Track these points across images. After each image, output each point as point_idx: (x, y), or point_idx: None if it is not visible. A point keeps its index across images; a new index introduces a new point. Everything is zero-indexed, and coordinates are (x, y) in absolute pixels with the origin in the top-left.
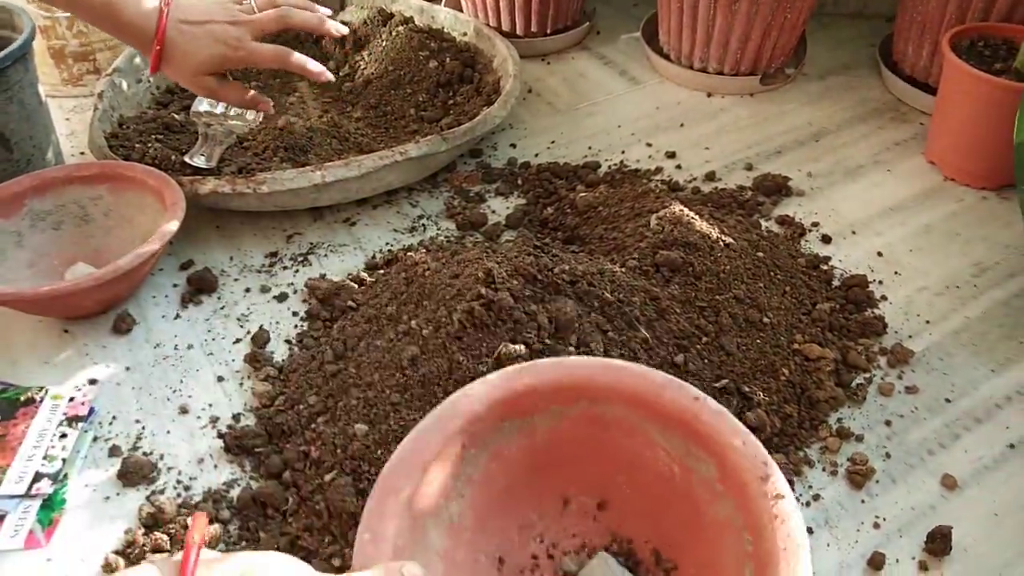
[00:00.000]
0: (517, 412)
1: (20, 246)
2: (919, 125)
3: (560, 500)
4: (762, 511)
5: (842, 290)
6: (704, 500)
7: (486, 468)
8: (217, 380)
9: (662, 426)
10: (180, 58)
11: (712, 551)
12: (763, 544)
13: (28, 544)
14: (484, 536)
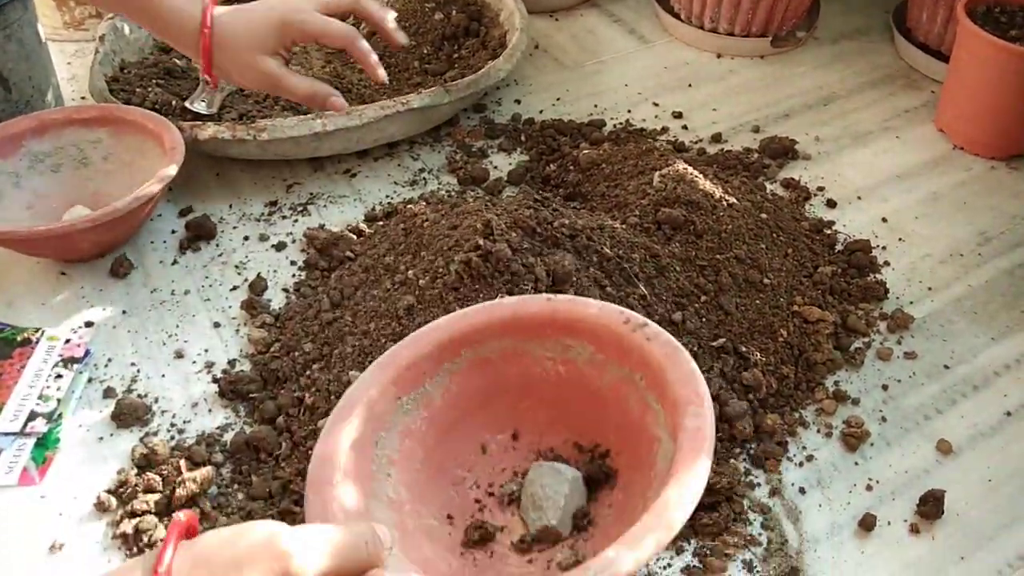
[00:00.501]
0: (409, 386)
1: (18, 187)
2: (930, 93)
3: (478, 447)
4: (636, 345)
5: (845, 254)
6: (594, 376)
7: (400, 446)
8: (213, 326)
9: (536, 339)
10: (233, 38)
11: (619, 412)
12: (648, 368)
13: (22, 481)
14: (423, 504)
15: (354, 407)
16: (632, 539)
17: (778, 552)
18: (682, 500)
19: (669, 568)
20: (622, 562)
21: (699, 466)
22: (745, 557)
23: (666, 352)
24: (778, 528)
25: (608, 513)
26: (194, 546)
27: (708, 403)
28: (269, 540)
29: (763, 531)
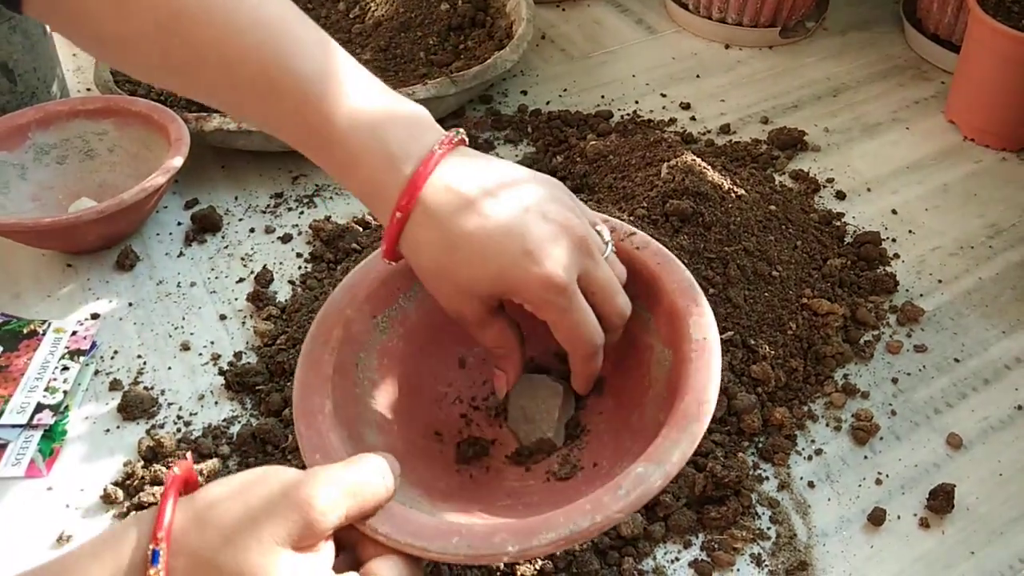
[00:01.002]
0: (383, 303)
1: (24, 179)
2: (940, 84)
3: (456, 361)
4: (625, 253)
5: (854, 247)
6: None
7: (379, 366)
8: (219, 318)
9: None
10: (439, 247)
11: None
12: (639, 277)
13: (29, 473)
14: (411, 423)
15: (331, 330)
16: (658, 453)
17: (787, 546)
18: (701, 410)
19: (677, 562)
20: (652, 477)
21: (712, 375)
22: (753, 551)
23: (658, 261)
24: (787, 522)
25: (599, 420)
26: (197, 501)
27: (708, 310)
28: (285, 490)
29: (771, 525)
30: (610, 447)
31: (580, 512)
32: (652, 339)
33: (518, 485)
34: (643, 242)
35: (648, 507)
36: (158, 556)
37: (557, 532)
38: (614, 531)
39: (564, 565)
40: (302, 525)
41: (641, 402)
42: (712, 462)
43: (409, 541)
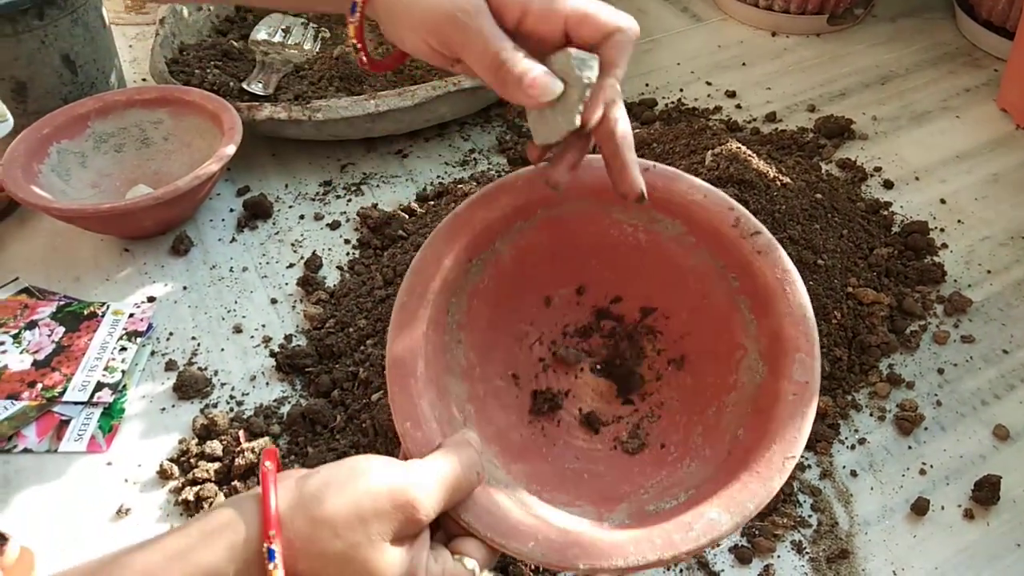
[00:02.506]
0: (479, 248)
1: (84, 167)
2: (993, 71)
3: (542, 300)
4: (740, 249)
5: (901, 236)
6: (678, 254)
7: (468, 308)
8: (271, 302)
9: (620, 205)
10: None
11: (698, 296)
12: (751, 279)
13: (90, 448)
14: (491, 365)
15: (429, 282)
16: (735, 502)
17: (828, 534)
18: (784, 464)
19: (717, 547)
20: (723, 526)
21: (806, 426)
22: (794, 538)
23: (778, 275)
24: (828, 510)
25: (675, 396)
26: (302, 494)
27: (817, 351)
28: (391, 492)
29: (813, 512)
30: (681, 431)
31: (650, 546)
32: (749, 343)
33: (586, 447)
34: (766, 246)
35: None
36: (273, 554)
37: (626, 561)
38: None
39: None
40: (407, 524)
41: (720, 399)
42: None
43: (489, 535)
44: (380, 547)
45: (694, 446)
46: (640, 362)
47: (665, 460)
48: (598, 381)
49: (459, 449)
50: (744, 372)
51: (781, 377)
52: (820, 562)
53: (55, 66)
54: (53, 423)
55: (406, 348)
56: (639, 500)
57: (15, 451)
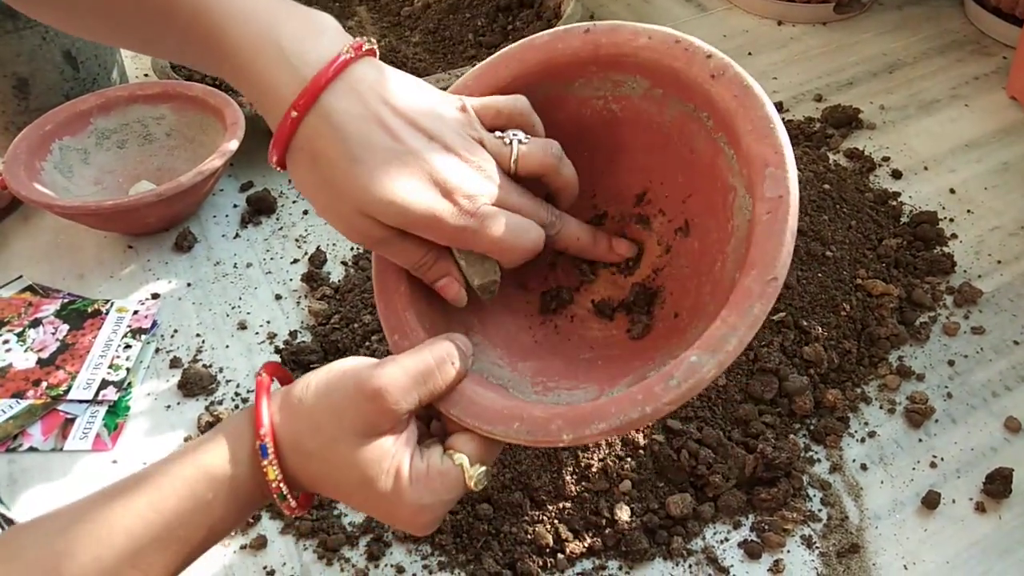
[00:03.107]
0: None
1: (86, 163)
2: (1002, 59)
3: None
4: (697, 80)
5: (910, 227)
6: (654, 112)
7: None
8: (275, 298)
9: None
10: (337, 157)
11: (686, 151)
12: (714, 108)
13: (95, 446)
14: None
15: None
16: (714, 341)
17: (838, 528)
18: (765, 289)
19: (727, 542)
20: (705, 367)
21: (784, 242)
22: (804, 533)
23: (735, 93)
24: (838, 504)
25: (684, 264)
26: (289, 397)
27: (789, 159)
28: (358, 383)
29: (823, 507)
30: (692, 296)
31: (631, 402)
32: (735, 181)
33: (601, 336)
34: (719, 68)
35: (697, 487)
36: (266, 449)
37: (608, 422)
38: (663, 511)
39: (613, 543)
40: (378, 415)
41: (723, 250)
42: (763, 443)
43: (475, 423)
44: (353, 441)
45: (702, 305)
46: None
47: (677, 328)
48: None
49: (432, 343)
50: (737, 214)
51: (756, 199)
52: (830, 557)
53: (57, 62)
54: (58, 421)
55: (388, 268)
56: (643, 370)
57: (20, 450)
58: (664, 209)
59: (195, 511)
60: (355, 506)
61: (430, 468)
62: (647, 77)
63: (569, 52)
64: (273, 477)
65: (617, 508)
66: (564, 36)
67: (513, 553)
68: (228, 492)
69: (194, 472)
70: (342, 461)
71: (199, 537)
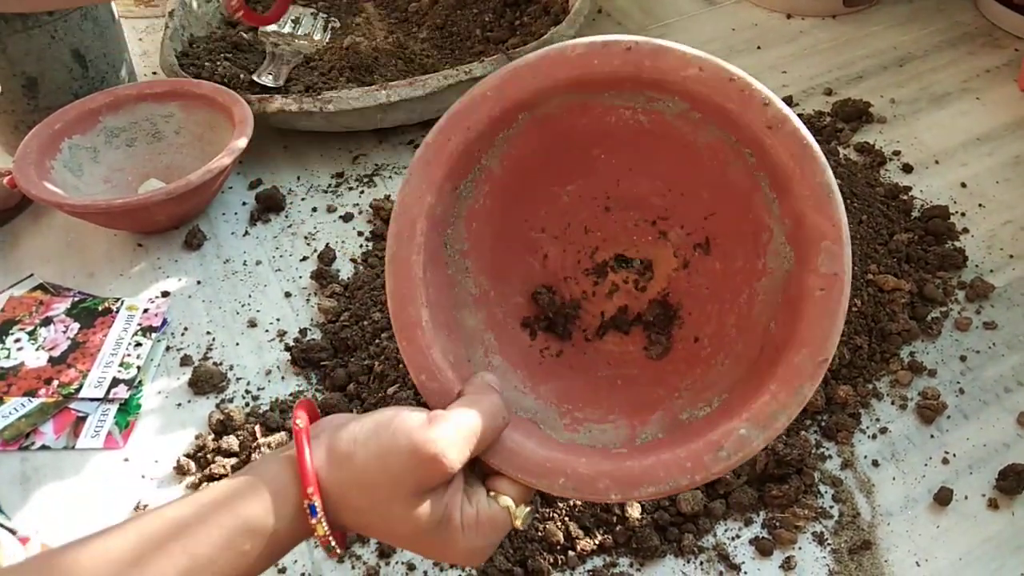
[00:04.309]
0: (463, 172)
1: (96, 162)
2: (1014, 51)
3: (548, 204)
4: (750, 125)
5: (922, 221)
6: (687, 132)
7: (468, 234)
8: (285, 296)
9: (611, 89)
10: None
11: (716, 172)
12: (765, 156)
13: (107, 444)
14: (507, 285)
15: (415, 223)
16: (764, 417)
17: (850, 525)
18: (816, 370)
19: (738, 539)
20: (754, 442)
21: (836, 324)
22: (816, 529)
23: (793, 152)
24: (850, 501)
25: (703, 283)
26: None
27: (845, 235)
28: (414, 448)
29: (834, 503)
30: (714, 323)
31: (680, 470)
32: (773, 224)
33: (617, 351)
34: (777, 119)
35: (708, 484)
36: (315, 509)
37: (658, 488)
38: (674, 508)
39: (624, 540)
40: (432, 477)
41: (751, 285)
42: (774, 440)
43: (520, 476)
44: (408, 501)
45: (728, 339)
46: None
47: (699, 356)
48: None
49: (481, 397)
50: (772, 258)
51: (807, 270)
52: (842, 554)
53: (65, 61)
54: (70, 420)
55: (406, 298)
56: (673, 406)
57: (33, 448)
58: (684, 223)
59: (230, 561)
60: (407, 549)
61: (480, 514)
62: (687, 100)
63: (607, 71)
64: (323, 533)
65: (628, 505)
66: (602, 52)
67: (524, 550)
68: (266, 545)
69: (233, 522)
70: (396, 517)
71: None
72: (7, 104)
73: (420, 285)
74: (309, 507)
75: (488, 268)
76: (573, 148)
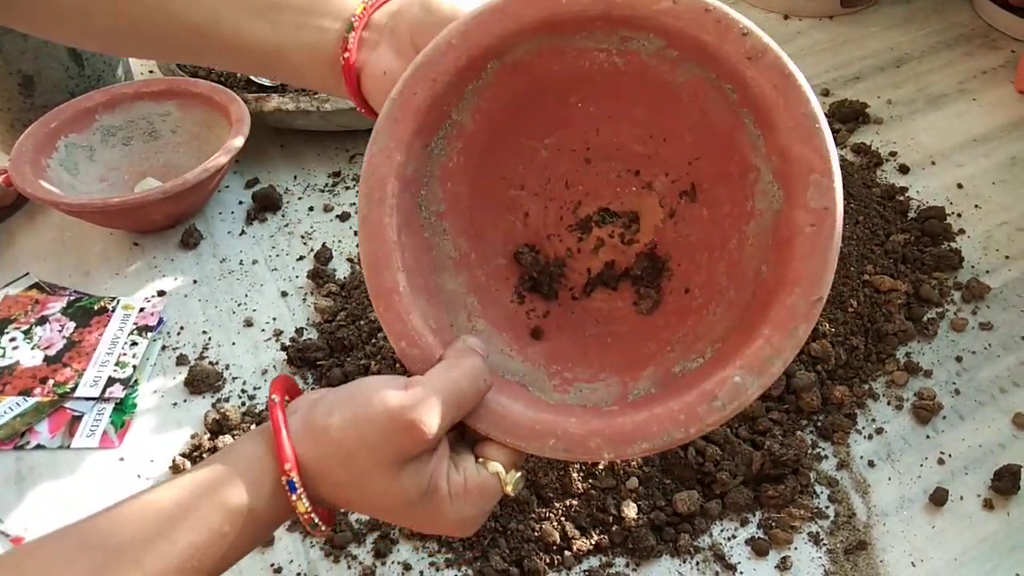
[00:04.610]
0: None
1: (92, 160)
2: (1010, 53)
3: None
4: (728, 57)
5: (918, 222)
6: (664, 71)
7: (443, 194)
8: (281, 295)
9: (583, 30)
10: None
11: (697, 113)
12: (746, 90)
13: (103, 444)
14: (487, 246)
15: (385, 184)
16: (758, 362)
17: (846, 525)
18: (811, 309)
19: (734, 539)
20: (749, 389)
21: (829, 260)
22: (812, 529)
23: (775, 82)
24: (846, 501)
25: (691, 231)
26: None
27: (835, 167)
28: (390, 415)
29: (830, 504)
30: (704, 272)
31: (674, 422)
32: (759, 161)
33: (606, 308)
34: (758, 49)
35: (704, 484)
36: (294, 485)
37: (651, 443)
38: (670, 508)
39: (620, 540)
40: (412, 444)
41: (740, 228)
42: (770, 440)
43: (508, 439)
44: (389, 471)
45: (718, 287)
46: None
47: (690, 307)
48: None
49: (461, 360)
50: (760, 197)
51: (796, 205)
52: (838, 554)
53: (62, 59)
54: (65, 419)
55: (380, 263)
56: (665, 360)
57: (28, 447)
58: (668, 170)
59: (210, 544)
60: (394, 522)
61: (468, 481)
62: (662, 37)
63: (576, 9)
64: (304, 510)
65: (624, 505)
66: None
67: (520, 550)
68: (246, 525)
69: (210, 506)
70: (378, 489)
71: (212, 567)
72: (3, 102)
73: (395, 249)
74: (288, 483)
75: (467, 229)
76: (547, 97)
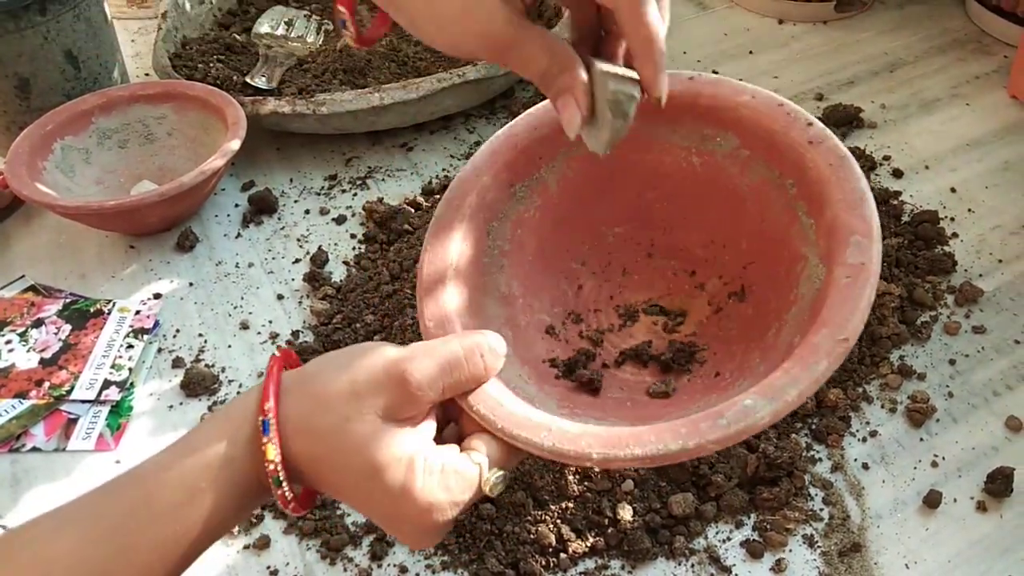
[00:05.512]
0: (522, 171)
1: (88, 163)
2: (1003, 58)
3: (594, 238)
4: (793, 145)
5: (911, 226)
6: (734, 174)
7: (512, 237)
8: (277, 298)
9: (671, 124)
10: None
11: (757, 220)
12: (804, 174)
13: (98, 447)
14: (536, 298)
15: (466, 196)
16: (773, 389)
17: (840, 527)
18: (836, 348)
19: (729, 542)
20: (758, 413)
21: (861, 307)
22: (806, 532)
23: (831, 162)
24: (840, 503)
25: (732, 327)
26: (303, 373)
27: (876, 232)
28: (386, 365)
29: (824, 506)
30: (737, 358)
31: (672, 433)
32: (808, 250)
33: (633, 380)
34: (819, 136)
35: (699, 487)
36: (268, 426)
37: (644, 449)
38: (664, 510)
39: (615, 543)
40: (400, 398)
41: (781, 318)
42: (764, 443)
43: (501, 425)
44: (372, 422)
45: (750, 368)
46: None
47: (718, 385)
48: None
49: (463, 334)
50: (804, 283)
51: (835, 265)
52: (832, 556)
53: (58, 62)
54: (61, 422)
55: (438, 256)
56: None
57: (23, 450)
58: (722, 273)
59: (186, 504)
60: (357, 504)
61: (445, 464)
62: (738, 134)
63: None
64: (271, 457)
65: (619, 508)
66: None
67: (516, 553)
68: (223, 480)
69: (186, 459)
70: (352, 444)
71: (193, 534)
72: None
73: (456, 251)
74: (262, 423)
75: (523, 276)
76: (628, 186)
